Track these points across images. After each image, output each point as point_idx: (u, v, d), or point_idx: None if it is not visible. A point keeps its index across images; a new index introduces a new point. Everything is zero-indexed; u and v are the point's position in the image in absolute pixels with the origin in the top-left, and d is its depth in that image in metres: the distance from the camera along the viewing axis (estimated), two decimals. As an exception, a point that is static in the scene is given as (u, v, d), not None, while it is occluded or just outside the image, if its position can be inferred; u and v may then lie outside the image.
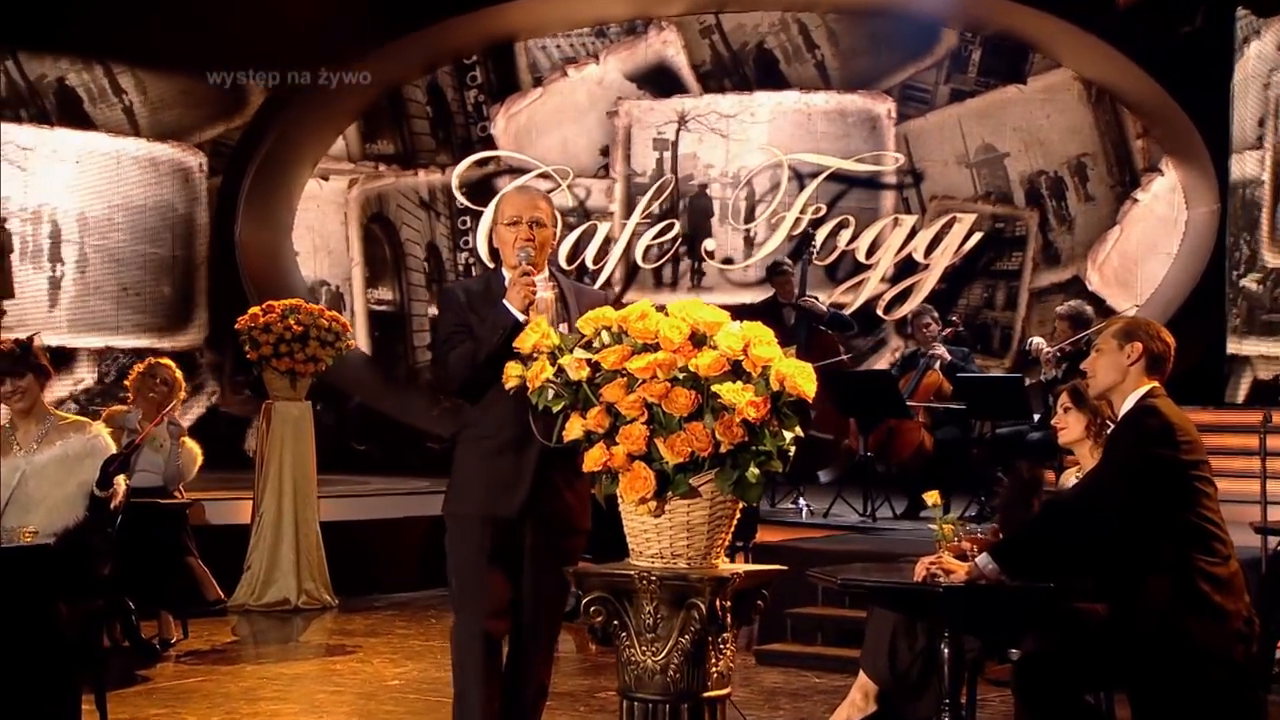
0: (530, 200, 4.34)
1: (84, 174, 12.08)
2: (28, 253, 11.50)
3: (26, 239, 11.47)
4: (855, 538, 8.72)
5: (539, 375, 3.28)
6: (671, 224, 14.42)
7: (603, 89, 14.37)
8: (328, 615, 8.81)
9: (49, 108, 12.01)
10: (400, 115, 14.77)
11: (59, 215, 11.76)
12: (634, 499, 3.18)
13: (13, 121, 11.63)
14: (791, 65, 13.88)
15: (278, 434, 8.96)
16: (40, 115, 11.92)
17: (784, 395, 3.17)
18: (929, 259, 13.56)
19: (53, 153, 11.78)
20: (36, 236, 11.55)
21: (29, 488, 5.28)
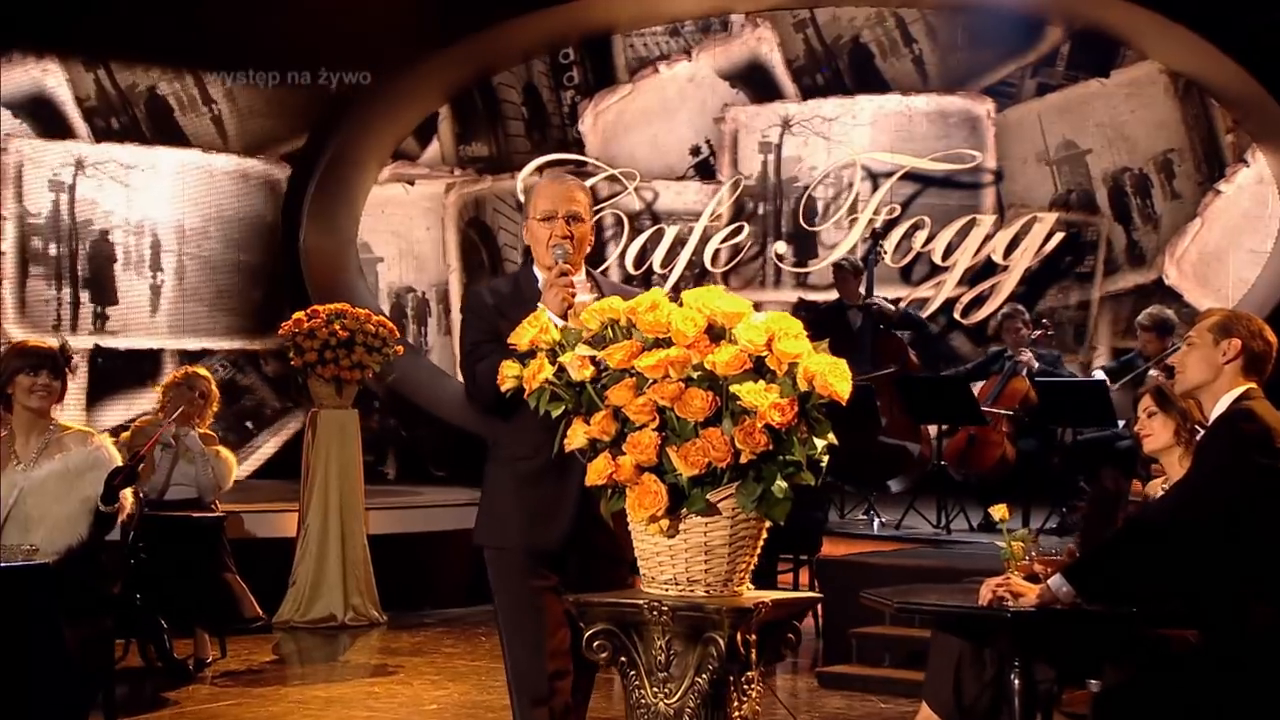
0: (566, 191, 3.92)
1: (181, 188, 12.51)
2: (130, 262, 12.04)
3: (129, 250, 12.03)
4: (927, 552, 8.24)
5: (536, 375, 2.87)
6: (741, 226, 13.98)
7: (694, 86, 13.89)
8: (375, 632, 8.46)
9: (139, 116, 12.38)
10: (495, 116, 14.39)
11: (158, 227, 12.28)
12: (643, 516, 2.77)
13: (104, 129, 12.00)
14: (888, 60, 13.31)
15: (323, 443, 8.63)
16: (131, 124, 12.30)
17: (814, 396, 2.73)
18: (1008, 260, 13.00)
19: (151, 169, 12.23)
20: (139, 247, 12.09)
21: (28, 505, 4.96)
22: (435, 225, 14.55)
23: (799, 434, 2.74)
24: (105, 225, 11.87)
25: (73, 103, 12.00)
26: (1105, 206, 12.85)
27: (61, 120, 11.94)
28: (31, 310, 11.55)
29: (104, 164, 11.87)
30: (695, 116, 13.84)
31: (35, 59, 11.94)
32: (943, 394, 9.67)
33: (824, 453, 2.80)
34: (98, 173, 11.79)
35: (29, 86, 11.86)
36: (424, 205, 14.42)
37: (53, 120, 11.88)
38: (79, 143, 11.75)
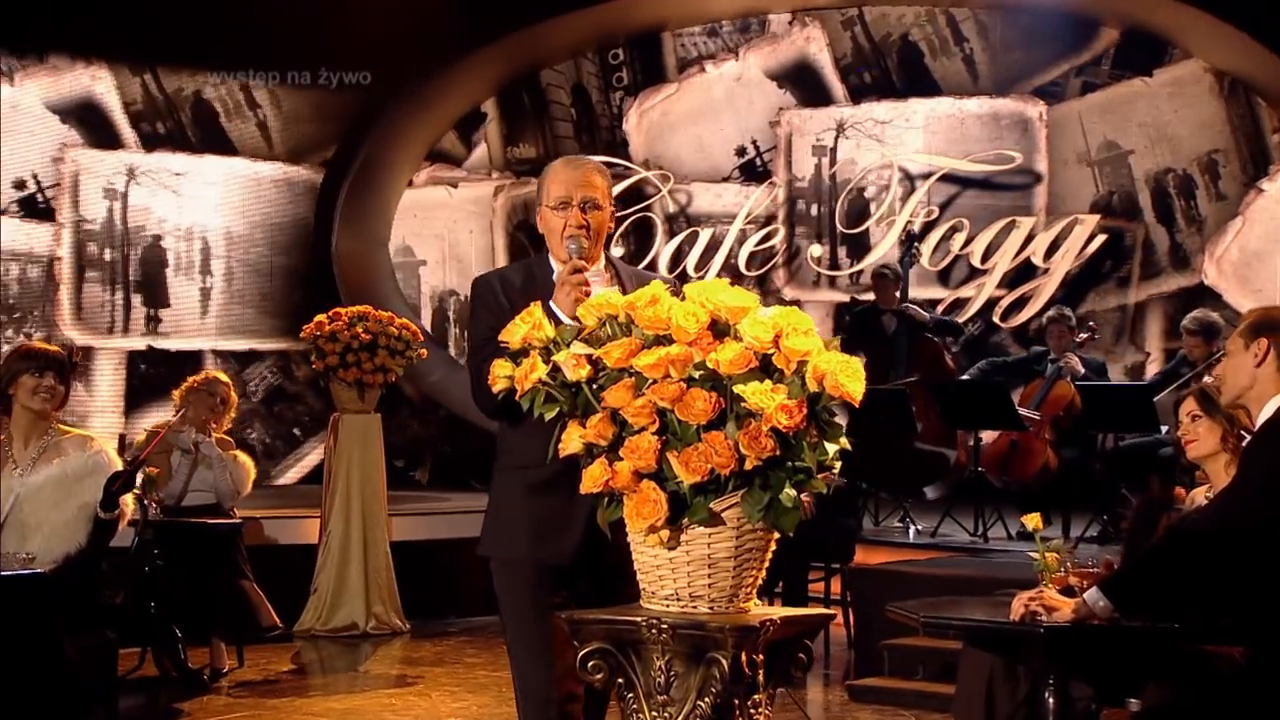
0: (582, 176, 3.59)
1: (228, 195, 12.85)
2: (181, 267, 12.42)
3: (180, 255, 12.43)
4: (964, 561, 8.00)
5: (529, 375, 2.68)
6: (776, 229, 13.78)
7: (741, 86, 13.66)
8: (397, 641, 8.29)
9: (185, 121, 12.72)
10: (543, 118, 14.21)
11: (208, 233, 12.63)
12: (642, 527, 2.57)
13: (150, 134, 12.37)
14: (938, 59, 13.03)
15: (345, 448, 8.47)
16: (177, 128, 12.63)
17: (825, 397, 2.53)
18: (1048, 263, 12.73)
19: (200, 176, 12.59)
20: (189, 252, 12.47)
21: (24, 511, 4.80)
22: (479, 228, 14.41)
23: (809, 438, 2.53)
24: (157, 231, 12.26)
25: (120, 109, 12.34)
26: (1148, 208, 12.57)
27: (109, 126, 12.23)
28: (87, 313, 11.96)
29: (155, 172, 12.26)
30: (741, 117, 13.63)
31: (84, 65, 12.30)
32: (979, 399, 9.43)
33: (836, 459, 2.58)
34: (150, 181, 12.20)
35: (78, 93, 12.26)
36: (468, 208, 14.34)
37: (101, 126, 12.18)
38: (131, 152, 12.12)
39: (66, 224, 11.83)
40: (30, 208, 12.08)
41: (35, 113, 12.18)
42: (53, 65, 12.25)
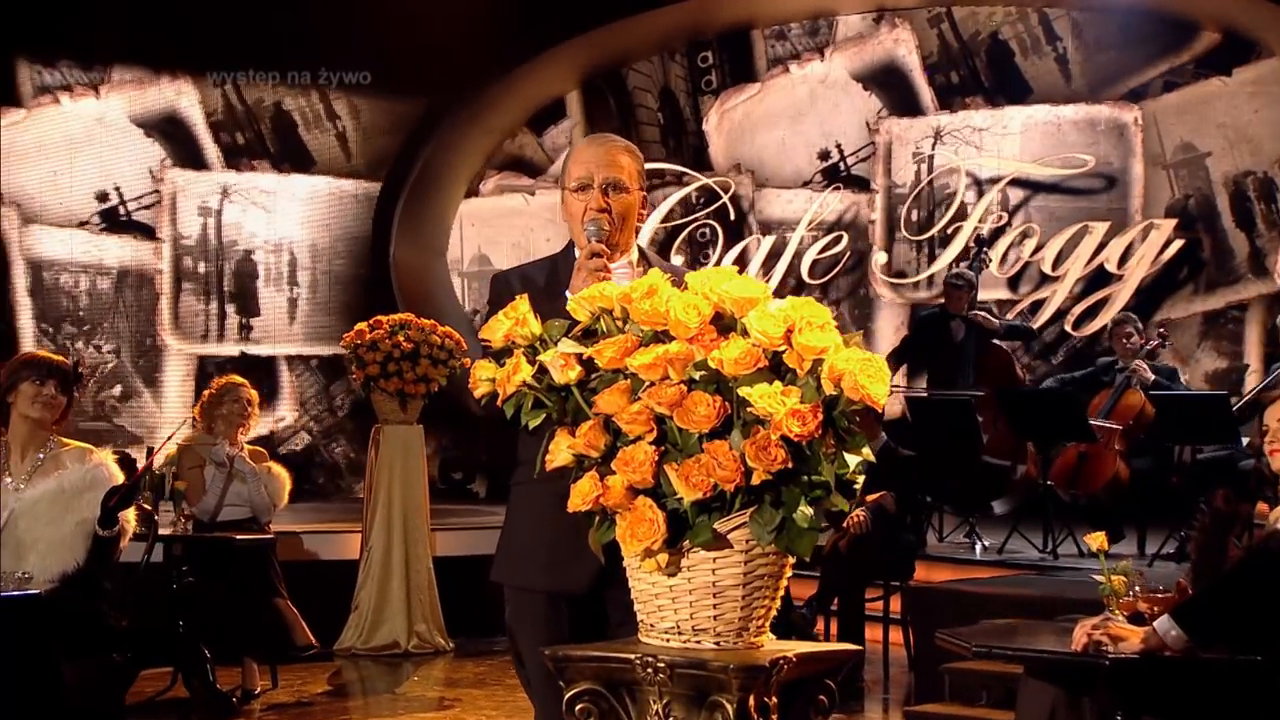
0: (605, 155, 3.25)
1: (313, 211, 13.39)
2: (270, 278, 12.99)
3: (270, 266, 13.03)
4: (1032, 580, 7.59)
5: (512, 377, 2.36)
6: (840, 236, 13.42)
7: (825, 88, 13.30)
8: (440, 660, 8.01)
9: (264, 131, 13.20)
10: (629, 122, 13.93)
11: (295, 246, 13.15)
12: (637, 550, 2.24)
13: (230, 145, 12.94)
14: (1029, 59, 12.58)
15: (386, 461, 8.20)
16: (256, 139, 13.11)
17: (843, 401, 2.19)
18: (1123, 269, 12.27)
19: (288, 194, 13.16)
20: (278, 264, 13.04)
21: (19, 528, 4.53)
22: (557, 235, 14.23)
23: (825, 448, 2.19)
24: (248, 246, 12.90)
25: (204, 124, 12.89)
26: (1226, 212, 12.07)
27: (192, 140, 12.80)
28: (184, 322, 12.66)
29: (247, 191, 12.90)
30: (826, 119, 13.25)
31: (170, 78, 12.83)
32: (1049, 408, 9.01)
33: (858, 472, 2.24)
34: (241, 199, 12.86)
35: (163, 107, 12.82)
36: (545, 216, 14.15)
37: (185, 140, 12.76)
38: (225, 173, 12.79)
39: (166, 240, 12.50)
40: (112, 220, 12.59)
41: (120, 125, 12.67)
42: (137, 79, 12.71)
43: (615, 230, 3.16)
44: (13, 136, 12.41)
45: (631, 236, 3.26)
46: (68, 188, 12.56)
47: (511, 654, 3.30)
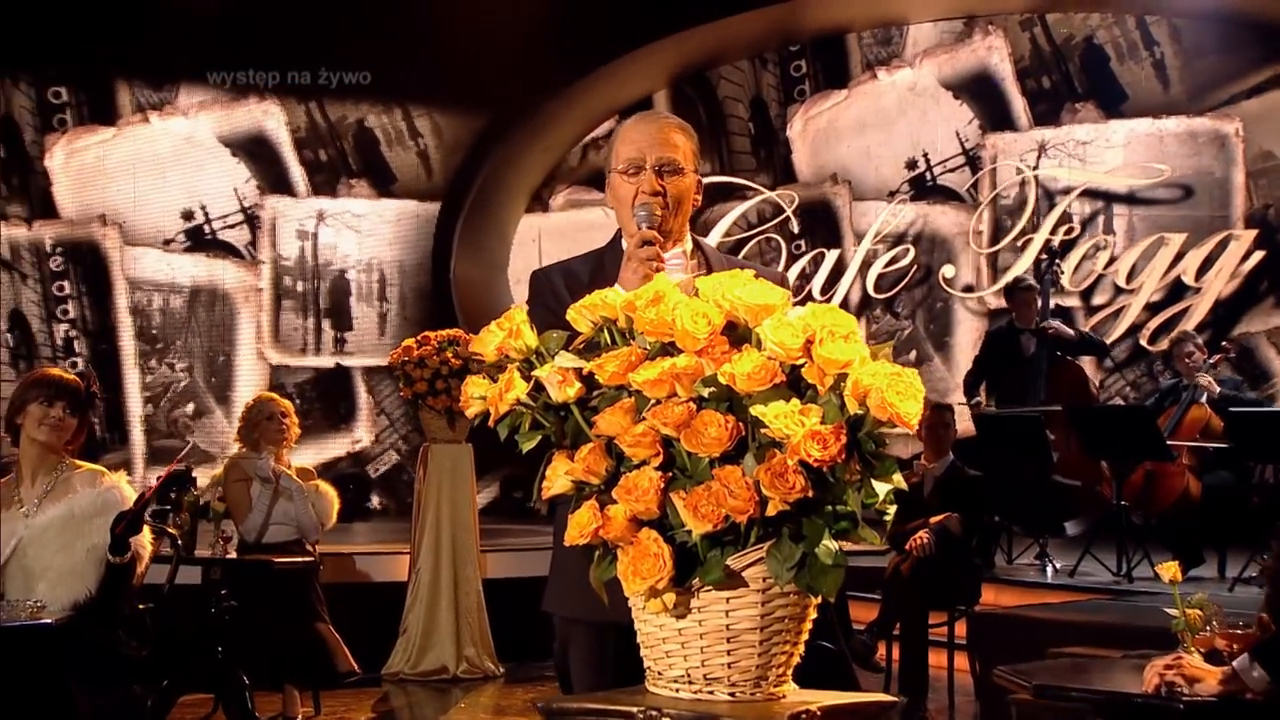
0: (657, 133, 2.94)
1: (400, 232, 13.91)
2: (362, 295, 13.53)
3: (361, 284, 13.59)
4: (1105, 605, 7.25)
5: (505, 395, 2.12)
6: (907, 249, 13.11)
7: (914, 95, 12.99)
8: (489, 686, 7.78)
9: (347, 149, 13.65)
10: (719, 131, 13.69)
11: (384, 265, 13.67)
12: (641, 588, 1.99)
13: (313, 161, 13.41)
14: (1124, 64, 12.19)
15: (435, 480, 8.00)
16: (339, 155, 13.57)
17: (870, 422, 1.93)
18: (1200, 282, 11.87)
19: (378, 216, 13.69)
20: (369, 281, 13.59)
21: (27, 556, 4.33)
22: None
23: (849, 474, 1.93)
24: (342, 265, 13.47)
25: (290, 144, 13.32)
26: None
27: (278, 161, 13.26)
28: (284, 337, 13.17)
29: (340, 215, 13.49)
30: (914, 127, 12.96)
31: (258, 99, 13.25)
32: (1122, 425, 8.67)
33: (888, 501, 1.98)
34: (335, 222, 13.45)
35: (250, 127, 13.27)
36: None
37: (271, 160, 13.22)
38: (320, 198, 13.35)
39: (267, 261, 13.04)
40: (197, 239, 12.98)
41: (207, 145, 13.10)
42: (225, 99, 13.12)
43: (669, 215, 2.89)
44: (104, 153, 12.80)
45: (686, 223, 2.97)
46: (155, 206, 12.89)
47: (559, 684, 3.05)
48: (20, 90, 12.56)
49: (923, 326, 12.97)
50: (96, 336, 12.35)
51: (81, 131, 12.80)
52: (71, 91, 12.74)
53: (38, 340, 12.13)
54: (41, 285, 12.27)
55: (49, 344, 12.19)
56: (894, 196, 12.98)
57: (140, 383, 12.59)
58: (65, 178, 12.67)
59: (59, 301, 12.26)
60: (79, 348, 12.26)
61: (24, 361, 11.84)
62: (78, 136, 12.79)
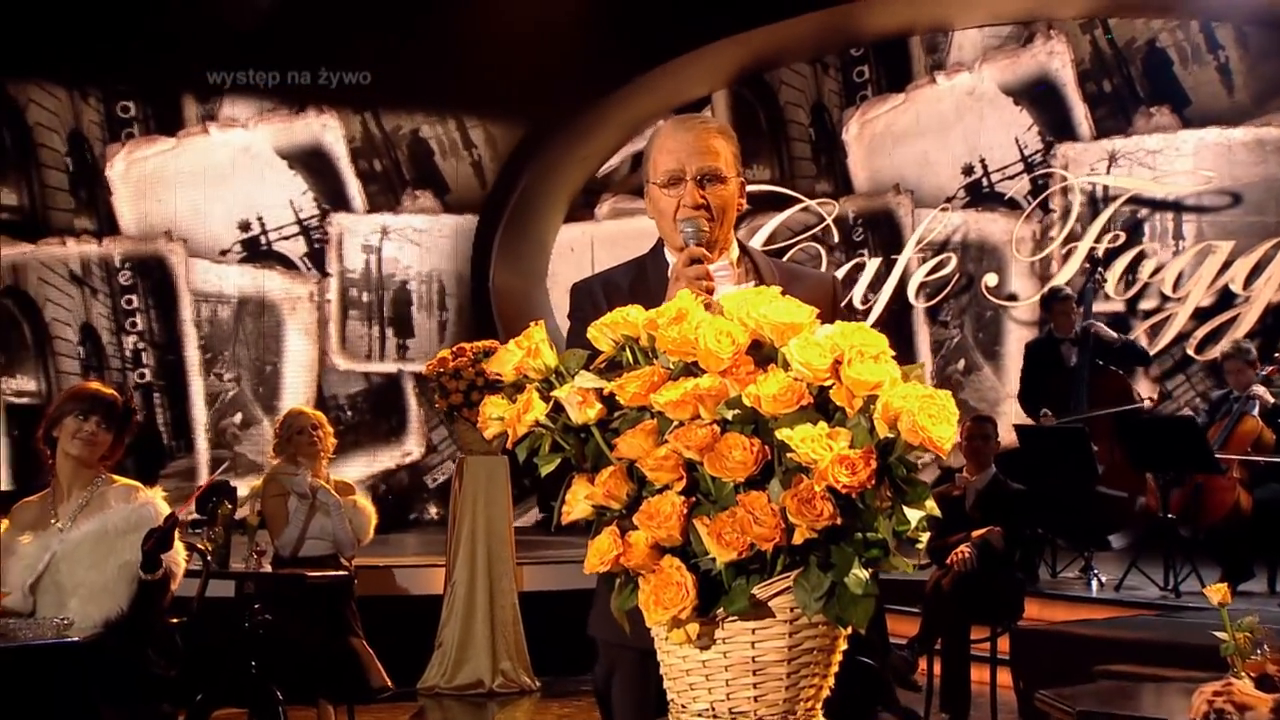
0: (697, 141, 2.78)
1: (459, 245, 14.29)
2: (423, 304, 13.99)
3: (421, 295, 14.06)
4: (1151, 622, 7.10)
5: (523, 416, 2.05)
6: (949, 258, 12.97)
7: (973, 100, 12.84)
8: (525, 701, 7.71)
9: (400, 159, 14.00)
10: (779, 137, 13.56)
11: (443, 275, 14.12)
12: (663, 619, 1.91)
13: (367, 171, 13.84)
14: (1188, 68, 11.98)
15: (470, 493, 7.95)
16: (393, 166, 13.95)
17: (900, 446, 1.84)
18: (1248, 290, 11.69)
19: (437, 231, 14.13)
20: (429, 291, 14.06)
21: (60, 572, 4.30)
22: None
23: (879, 501, 1.84)
24: (405, 277, 13.94)
25: (347, 158, 13.71)
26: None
27: (335, 175, 13.68)
28: (350, 344, 13.67)
29: (403, 230, 13.95)
30: (972, 133, 12.81)
31: (316, 113, 13.61)
32: (1170, 437, 8.51)
33: (921, 527, 1.89)
34: (398, 236, 13.92)
35: (308, 140, 13.66)
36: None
37: (328, 173, 13.65)
38: (383, 214, 13.83)
39: (334, 274, 13.53)
40: (253, 249, 13.33)
41: (265, 157, 13.45)
42: (284, 111, 13.48)
43: (715, 226, 2.77)
44: (163, 164, 13.12)
45: (731, 231, 2.84)
46: (213, 217, 13.23)
47: (599, 709, 2.92)
48: (90, 105, 12.90)
49: (971, 335, 12.81)
50: (163, 348, 12.76)
51: (142, 142, 13.08)
52: (139, 105, 13.06)
53: (108, 352, 12.49)
54: (111, 299, 12.61)
55: (119, 355, 12.55)
56: (950, 202, 12.81)
57: (204, 392, 12.84)
58: (125, 188, 12.94)
59: (127, 314, 12.63)
60: (146, 359, 12.65)
61: (94, 373, 12.11)
62: (138, 147, 13.08)
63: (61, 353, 12.28)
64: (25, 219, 12.51)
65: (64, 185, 12.68)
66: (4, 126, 12.56)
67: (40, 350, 12.20)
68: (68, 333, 12.33)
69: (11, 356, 12.09)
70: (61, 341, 12.29)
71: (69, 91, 12.76)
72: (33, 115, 12.63)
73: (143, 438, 11.01)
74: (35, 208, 12.56)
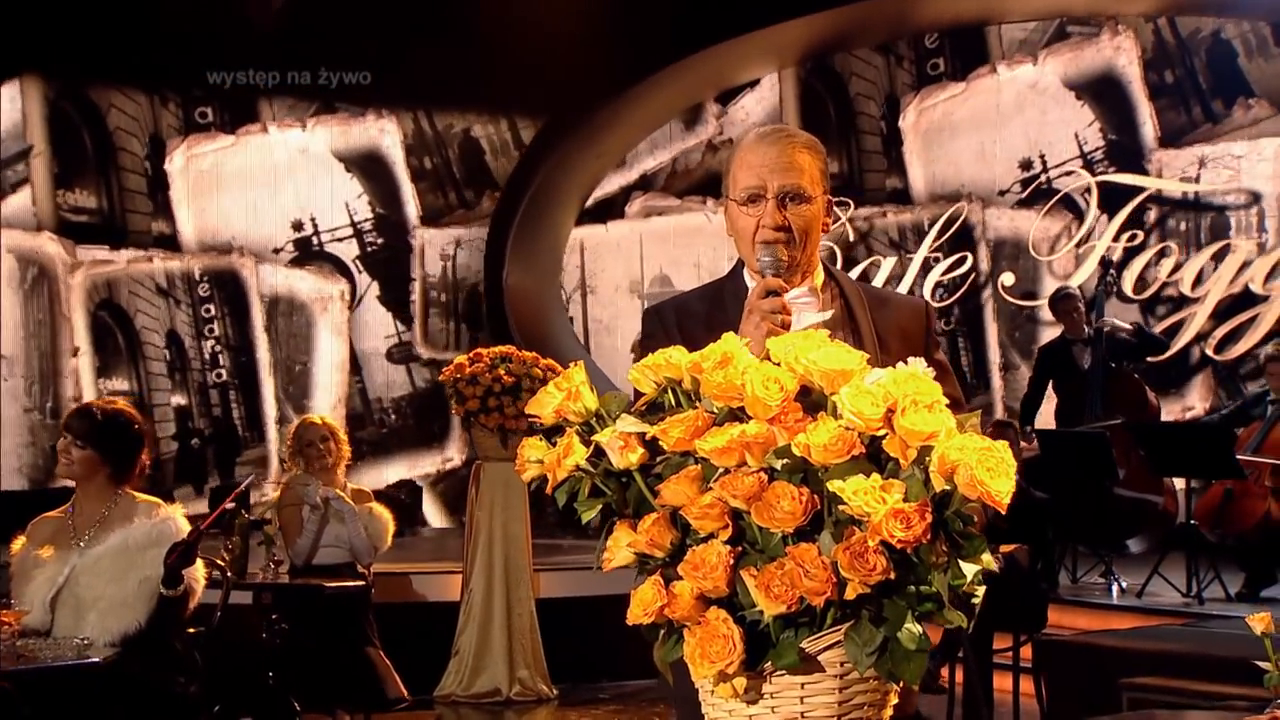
0: (780, 156, 2.62)
1: None
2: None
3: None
4: (1176, 631, 7.04)
5: (564, 460, 1.99)
6: (965, 257, 12.89)
7: (1035, 93, 12.60)
8: (542, 709, 7.66)
9: (452, 157, 14.42)
10: (848, 131, 13.38)
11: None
12: (710, 672, 1.86)
13: (418, 169, 14.27)
14: (1253, 61, 11.72)
15: (487, 499, 7.89)
16: (444, 164, 14.38)
17: (958, 499, 1.79)
18: (1268, 288, 11.60)
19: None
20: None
21: (79, 585, 4.27)
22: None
23: (936, 556, 1.79)
24: (475, 280, 14.41)
25: (403, 163, 14.15)
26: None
27: (391, 180, 14.15)
28: (431, 337, 14.23)
29: (474, 241, 14.38)
30: (1032, 127, 12.56)
31: (375, 117, 14.09)
32: (1193, 443, 8.44)
33: (977, 583, 1.83)
34: (468, 246, 14.38)
35: (365, 144, 14.12)
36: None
37: (383, 177, 14.14)
38: (457, 228, 14.37)
39: (417, 279, 14.18)
40: (305, 249, 13.91)
41: (321, 158, 13.96)
42: (343, 113, 14.01)
43: (797, 251, 2.62)
44: (220, 160, 13.68)
45: (816, 254, 2.69)
46: (266, 215, 13.80)
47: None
48: (169, 110, 13.55)
49: (1006, 334, 12.71)
50: (238, 350, 13.59)
51: (201, 139, 13.66)
52: (217, 110, 13.68)
53: (189, 355, 13.44)
54: (192, 309, 13.50)
55: (199, 358, 13.48)
56: (1004, 196, 12.64)
57: (274, 389, 13.62)
58: (183, 182, 13.58)
59: (206, 322, 13.54)
60: (223, 360, 13.54)
61: (179, 374, 13.30)
62: (197, 143, 13.65)
63: (150, 356, 13.29)
64: (104, 221, 13.27)
65: (142, 189, 13.44)
66: (85, 130, 13.22)
67: (132, 355, 13.23)
68: (155, 339, 13.33)
69: (107, 360, 13.11)
70: (150, 347, 13.30)
71: (149, 96, 13.44)
72: (113, 120, 13.33)
73: (218, 431, 13.13)
74: (114, 211, 13.32)
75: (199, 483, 13.00)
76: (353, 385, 13.91)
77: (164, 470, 12.80)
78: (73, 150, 13.12)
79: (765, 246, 2.58)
